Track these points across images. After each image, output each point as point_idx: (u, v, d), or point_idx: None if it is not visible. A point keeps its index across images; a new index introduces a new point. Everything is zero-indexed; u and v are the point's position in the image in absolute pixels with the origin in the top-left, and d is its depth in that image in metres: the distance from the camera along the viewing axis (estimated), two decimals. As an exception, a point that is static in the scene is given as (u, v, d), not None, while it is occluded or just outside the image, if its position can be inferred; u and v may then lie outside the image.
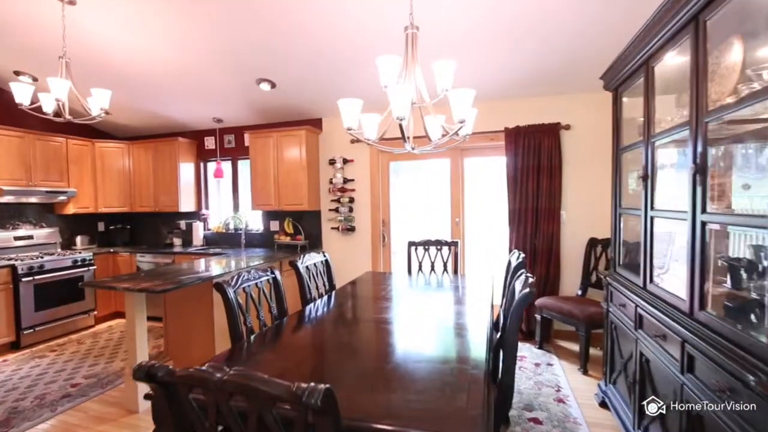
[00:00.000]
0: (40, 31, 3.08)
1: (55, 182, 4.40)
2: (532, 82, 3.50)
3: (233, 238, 4.91)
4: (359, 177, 4.33)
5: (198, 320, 3.22)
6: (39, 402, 2.79)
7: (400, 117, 1.75)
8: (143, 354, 2.74)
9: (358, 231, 4.37)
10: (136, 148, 4.98)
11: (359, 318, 2.23)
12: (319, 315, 2.29)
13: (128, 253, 4.74)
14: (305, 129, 4.18)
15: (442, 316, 2.20)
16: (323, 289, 2.88)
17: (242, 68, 3.52)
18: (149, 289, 2.53)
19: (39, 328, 3.96)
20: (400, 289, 2.92)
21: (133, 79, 3.79)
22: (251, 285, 2.16)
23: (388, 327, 2.03)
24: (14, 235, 4.23)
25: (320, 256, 2.98)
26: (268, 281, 2.31)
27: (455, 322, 2.08)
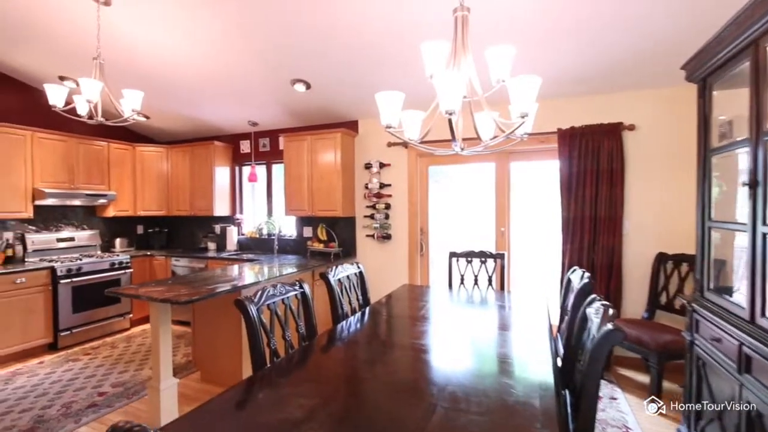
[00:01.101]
0: (79, 34, 3.07)
1: (96, 185, 4.47)
2: (590, 77, 3.11)
3: (266, 243, 4.80)
4: (396, 182, 4.08)
5: (226, 330, 3.07)
6: (65, 411, 2.72)
7: (449, 111, 1.47)
8: (167, 365, 2.61)
9: (394, 239, 4.10)
10: (175, 152, 5.00)
11: (395, 343, 1.95)
12: (351, 338, 2.04)
13: (164, 257, 4.73)
14: (340, 131, 3.98)
15: (491, 345, 1.88)
16: (356, 304, 2.63)
17: (277, 69, 3.38)
18: (172, 300, 2.39)
19: (76, 330, 3.98)
20: (440, 307, 2.62)
21: (170, 82, 3.76)
22: (277, 301, 1.95)
23: (430, 358, 1.74)
24: (57, 237, 4.31)
25: (354, 267, 2.74)
26: (296, 296, 2.09)
27: (511, 355, 1.75)
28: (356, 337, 2.04)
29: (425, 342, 1.93)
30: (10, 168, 3.76)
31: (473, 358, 1.71)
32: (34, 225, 4.20)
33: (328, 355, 1.84)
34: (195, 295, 2.51)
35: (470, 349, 1.84)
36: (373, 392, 1.42)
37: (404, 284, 3.30)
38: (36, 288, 3.72)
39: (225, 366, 3.08)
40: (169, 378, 2.61)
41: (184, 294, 2.50)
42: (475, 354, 1.76)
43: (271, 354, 1.81)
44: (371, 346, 1.89)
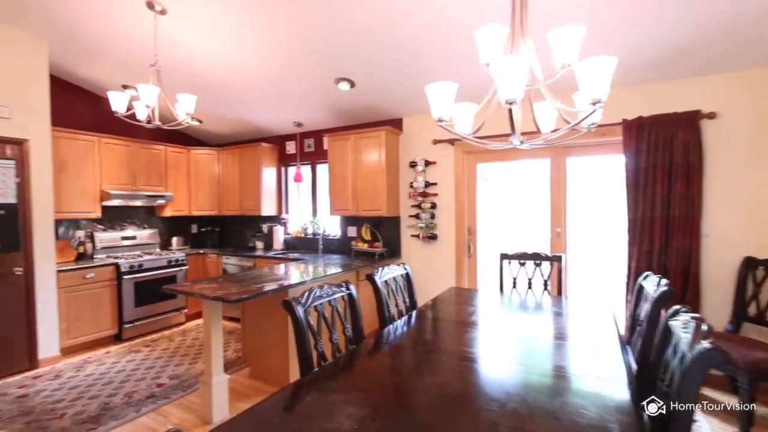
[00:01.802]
0: (138, 44, 3.23)
1: (155, 187, 4.73)
2: (661, 60, 2.80)
3: (311, 243, 4.84)
4: (443, 181, 3.94)
5: (274, 329, 3.10)
6: (127, 400, 2.87)
7: (509, 100, 1.34)
8: (219, 362, 2.66)
9: (440, 239, 3.97)
10: (225, 154, 5.18)
11: (446, 351, 1.83)
12: (398, 343, 1.95)
13: (216, 255, 4.92)
14: (385, 129, 3.91)
15: (552, 356, 1.71)
16: (403, 307, 2.54)
17: (321, 68, 3.37)
18: (223, 298, 2.43)
19: (138, 322, 4.23)
20: (492, 312, 2.46)
21: (221, 87, 3.88)
22: (323, 303, 1.90)
23: (484, 369, 1.61)
24: (121, 235, 4.61)
25: (400, 268, 2.65)
26: (342, 298, 2.04)
27: (576, 369, 1.58)
28: (404, 343, 1.95)
29: (478, 350, 1.80)
30: (82, 172, 4.06)
31: (533, 370, 1.56)
32: (102, 224, 4.51)
33: (377, 361, 1.76)
34: (244, 293, 2.54)
35: (528, 360, 1.69)
36: (426, 405, 1.32)
37: (452, 287, 3.17)
38: (103, 283, 3.99)
39: (273, 364, 3.11)
40: (220, 374, 2.66)
41: (234, 292, 2.54)
42: (534, 366, 1.60)
43: (318, 357, 1.76)
44: (421, 354, 1.79)
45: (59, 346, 3.64)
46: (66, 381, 3.20)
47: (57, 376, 3.29)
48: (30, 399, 2.91)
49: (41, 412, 2.72)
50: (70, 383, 3.16)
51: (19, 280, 3.39)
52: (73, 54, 3.64)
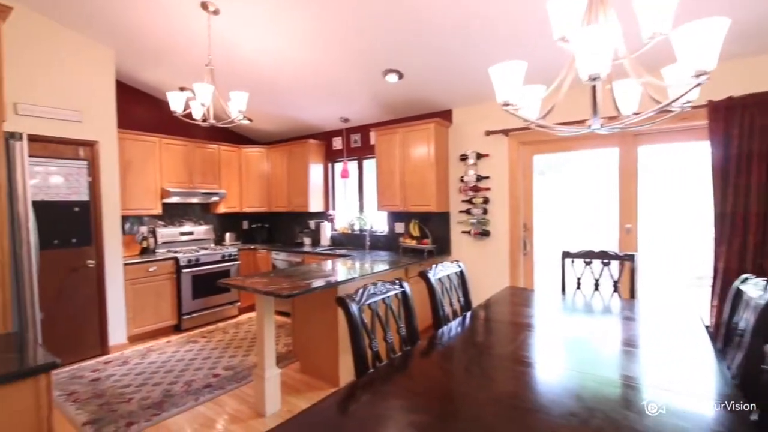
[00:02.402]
0: (193, 46, 3.34)
1: (210, 184, 4.91)
2: (760, 30, 2.43)
3: (358, 239, 4.82)
4: (496, 174, 3.74)
5: (323, 324, 3.09)
6: (187, 388, 2.98)
7: (593, 75, 1.17)
8: (271, 356, 2.68)
9: (493, 236, 3.77)
10: (274, 151, 5.28)
11: (509, 357, 1.68)
12: (456, 346, 1.83)
13: (265, 251, 5.04)
14: (434, 122, 3.78)
15: (636, 367, 1.51)
16: (457, 306, 2.41)
17: (369, 61, 3.30)
18: (275, 293, 2.43)
19: (195, 314, 4.42)
20: (556, 316, 2.27)
21: (270, 84, 3.93)
22: (377, 301, 1.82)
23: (556, 379, 1.45)
24: (180, 231, 4.84)
25: (454, 266, 2.52)
26: (396, 296, 1.95)
27: (666, 384, 1.38)
28: (462, 346, 1.83)
29: (546, 358, 1.64)
30: (145, 171, 4.29)
31: (616, 382, 1.38)
32: (162, 220, 4.76)
33: (435, 364, 1.65)
34: (295, 289, 2.53)
35: (607, 370, 1.50)
36: (496, 416, 1.19)
37: (508, 286, 2.98)
38: (164, 276, 4.21)
39: (322, 359, 3.10)
40: (273, 368, 2.68)
41: (286, 288, 2.54)
42: (617, 378, 1.42)
43: (372, 357, 1.69)
44: (481, 359, 1.66)
45: (126, 334, 3.87)
46: (132, 367, 3.39)
47: (125, 362, 3.50)
48: (102, 383, 3.11)
49: (111, 395, 2.89)
50: (136, 369, 3.34)
51: (92, 272, 3.63)
52: (135, 59, 3.84)
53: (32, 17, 3.18)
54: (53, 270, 3.38)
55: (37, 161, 3.30)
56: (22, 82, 3.16)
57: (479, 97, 3.67)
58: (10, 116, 3.12)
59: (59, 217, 3.42)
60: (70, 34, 3.40)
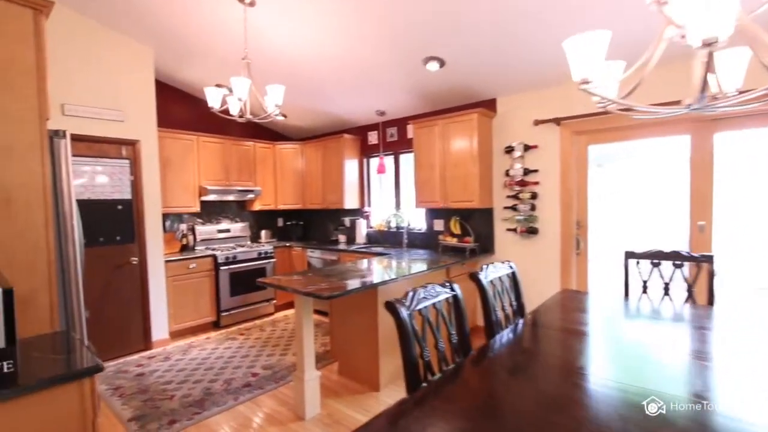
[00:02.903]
0: (229, 41, 3.28)
1: (245, 182, 4.92)
2: None
3: (394, 236, 4.67)
4: (545, 167, 3.47)
5: (362, 326, 2.97)
6: (226, 387, 2.95)
7: (708, 39, 0.94)
8: (310, 358, 2.59)
9: (542, 234, 3.51)
10: (308, 147, 5.22)
11: (583, 374, 1.48)
12: (517, 359, 1.64)
13: (300, 248, 4.99)
14: (477, 112, 3.55)
15: (741, 392, 1.27)
16: (510, 311, 2.21)
17: (408, 49, 3.12)
18: (315, 294, 2.32)
19: (233, 311, 4.43)
20: (625, 324, 2.03)
21: (305, 78, 3.84)
22: (428, 306, 1.66)
23: (645, 402, 1.23)
24: (217, 228, 4.88)
25: (506, 267, 2.31)
26: (447, 300, 1.78)
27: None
28: (524, 359, 1.63)
29: (625, 375, 1.42)
30: (184, 169, 4.33)
31: (683, 400, 1.15)
32: (200, 218, 4.81)
33: (498, 379, 1.47)
34: (336, 290, 2.41)
35: (674, 386, 1.27)
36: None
37: (564, 289, 2.74)
38: (203, 273, 4.23)
39: (362, 362, 2.98)
40: (312, 370, 2.59)
41: (325, 288, 2.43)
42: (684, 396, 1.19)
43: (424, 368, 1.53)
44: (552, 375, 1.46)
45: (168, 330, 3.92)
46: (174, 363, 3.41)
47: (167, 358, 3.53)
48: (145, 378, 3.13)
49: (155, 391, 2.90)
50: (178, 366, 3.35)
51: (135, 269, 3.69)
52: (172, 57, 3.85)
53: (73, 18, 3.23)
54: (99, 266, 3.46)
55: (84, 161, 3.37)
56: (68, 83, 3.23)
57: (528, 84, 3.41)
58: (58, 117, 3.19)
59: (104, 215, 3.49)
60: (111, 33, 3.44)
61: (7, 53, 1.52)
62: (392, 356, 2.96)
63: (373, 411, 2.63)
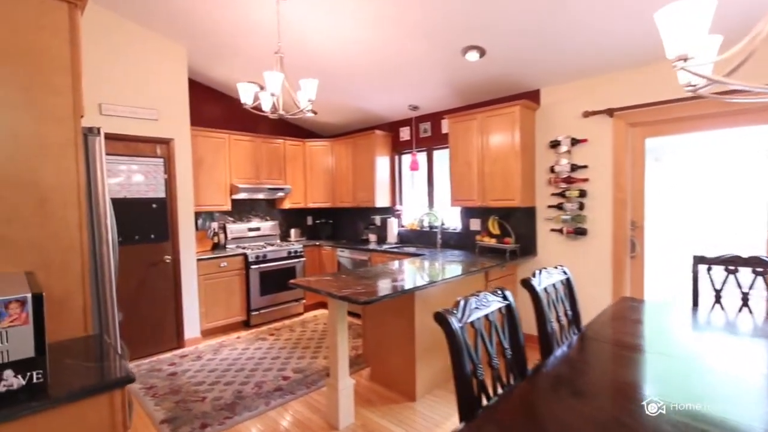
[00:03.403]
0: (261, 38, 3.20)
1: (275, 180, 4.87)
2: None
3: (427, 236, 4.49)
4: (596, 162, 3.20)
5: (397, 330, 2.82)
6: (257, 390, 2.88)
7: None
8: (344, 366, 2.46)
9: (591, 235, 3.25)
10: (338, 144, 5.12)
11: (659, 399, 1.27)
12: (574, 381, 1.44)
13: (330, 247, 4.90)
14: (519, 104, 3.32)
15: None
16: (564, 321, 2.00)
17: (447, 38, 2.94)
18: (351, 298, 2.19)
19: (263, 311, 4.39)
20: (703, 339, 1.78)
21: (336, 73, 3.72)
22: (481, 317, 1.49)
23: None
24: (248, 227, 4.85)
25: (559, 273, 2.10)
26: (500, 310, 1.60)
27: None
28: (589, 382, 1.43)
29: (717, 403, 1.20)
30: (215, 167, 4.32)
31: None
32: (231, 216, 4.80)
33: (564, 405, 1.28)
34: (372, 293, 2.27)
35: (749, 415, 1.04)
36: None
37: (623, 298, 2.49)
38: (234, 271, 4.21)
39: (397, 369, 2.84)
40: (346, 378, 2.46)
41: (361, 292, 2.29)
42: (762, 428, 0.96)
43: (478, 388, 1.37)
44: (624, 402, 1.26)
45: (200, 329, 3.91)
46: (206, 363, 3.38)
47: (199, 357, 3.51)
48: (178, 378, 3.11)
49: (186, 392, 2.87)
50: (209, 366, 3.32)
51: (168, 267, 3.69)
52: (204, 55, 3.82)
53: (109, 17, 3.23)
54: (134, 264, 3.47)
55: (121, 159, 3.38)
56: (105, 83, 3.24)
57: (576, 73, 3.16)
58: (96, 116, 3.21)
59: (139, 213, 3.50)
60: (145, 32, 3.43)
61: (42, 48, 1.46)
62: (429, 363, 2.80)
63: (410, 424, 2.48)
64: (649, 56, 2.75)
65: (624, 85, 3.00)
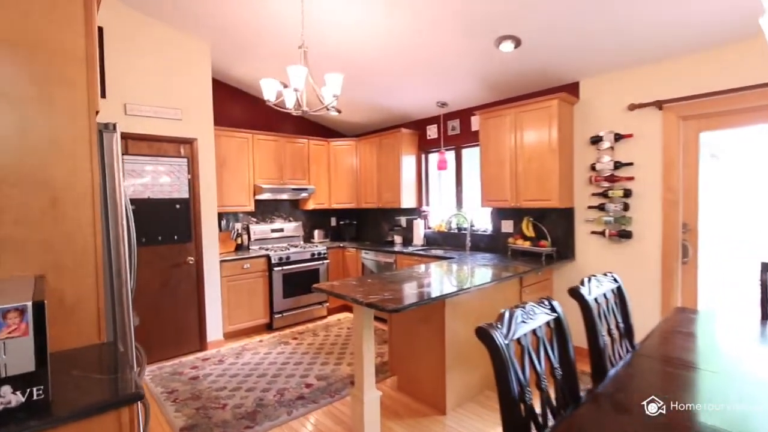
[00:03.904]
0: (284, 34, 3.11)
1: (299, 180, 4.79)
2: None
3: (456, 238, 4.30)
4: (643, 159, 2.93)
5: (426, 337, 2.66)
6: (279, 398, 2.77)
7: None
8: (370, 376, 2.31)
9: (637, 238, 2.98)
10: (363, 144, 4.99)
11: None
12: (629, 407, 1.23)
13: (354, 249, 4.77)
14: (558, 98, 3.09)
15: None
16: (616, 334, 1.79)
17: (480, 29, 2.76)
18: (378, 305, 2.04)
19: (286, 313, 4.31)
20: (761, 355, 1.53)
21: (361, 69, 3.60)
22: (527, 332, 1.31)
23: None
24: (271, 228, 4.79)
25: (609, 280, 1.89)
26: (548, 324, 1.42)
27: None
28: (646, 412, 1.22)
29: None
30: (239, 167, 4.27)
31: None
32: (255, 217, 4.75)
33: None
34: (400, 300, 2.12)
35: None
36: None
37: (679, 308, 2.24)
38: (257, 273, 4.14)
39: (425, 379, 2.67)
40: (372, 389, 2.31)
41: (389, 299, 2.14)
42: None
43: (527, 413, 1.19)
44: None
45: (222, 331, 3.86)
46: (227, 367, 3.31)
47: (221, 361, 3.44)
48: (199, 382, 3.05)
49: (207, 399, 2.79)
50: (231, 370, 3.25)
51: (191, 268, 3.65)
52: (227, 54, 3.77)
53: (133, 15, 3.21)
54: (157, 265, 3.45)
55: (145, 159, 3.37)
56: (129, 82, 3.22)
57: (619, 63, 2.91)
58: (121, 116, 3.20)
59: (163, 214, 3.47)
60: (168, 30, 3.41)
61: (56, 40, 1.39)
62: (460, 374, 2.62)
63: (441, 440, 2.31)
64: (706, 41, 2.49)
65: (675, 74, 2.73)
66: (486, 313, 2.75)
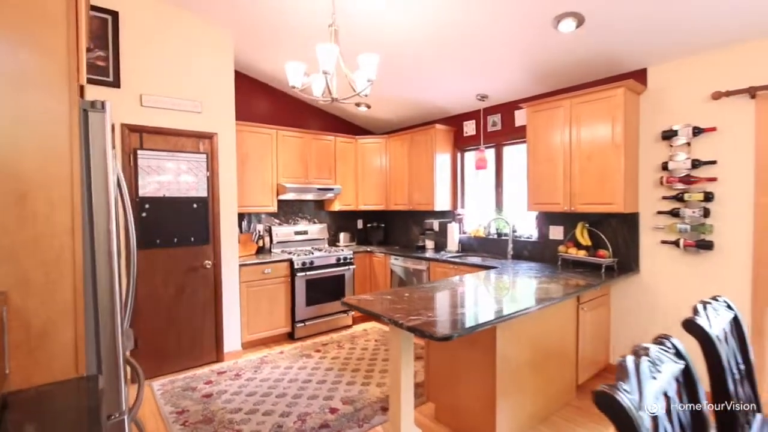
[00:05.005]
0: (311, 21, 2.80)
1: (325, 179, 4.49)
2: None
3: (495, 245, 3.89)
4: (728, 158, 2.47)
5: (472, 359, 2.28)
6: (301, 425, 2.44)
7: None
8: (409, 406, 1.95)
9: (719, 249, 2.51)
10: (393, 141, 4.65)
11: None
12: None
13: (383, 254, 4.43)
14: (623, 86, 2.66)
15: None
16: (738, 377, 1.37)
17: (535, 6, 2.37)
18: (424, 331, 1.67)
19: (308, 322, 4.00)
20: None
21: (396, 61, 3.26)
22: (659, 391, 0.92)
23: None
24: (294, 230, 4.50)
25: (723, 307, 1.47)
26: (676, 380, 1.02)
27: None
28: None
29: None
30: (261, 165, 4.00)
31: None
32: (277, 218, 4.47)
33: None
34: (449, 324, 1.74)
35: None
36: None
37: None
38: (278, 279, 3.85)
39: (469, 408, 2.28)
40: (411, 426, 1.95)
41: (433, 320, 1.77)
42: None
43: None
44: None
45: (241, 341, 3.58)
46: (244, 384, 3.01)
47: (237, 376, 3.16)
48: (212, 402, 2.76)
49: (219, 423, 2.49)
50: (248, 387, 2.95)
51: (209, 272, 3.39)
52: (251, 44, 3.50)
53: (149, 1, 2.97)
54: (172, 269, 3.20)
55: (161, 155, 3.13)
56: (145, 73, 2.99)
57: (698, 44, 2.47)
58: (136, 108, 2.97)
59: (179, 214, 3.22)
60: (187, 15, 3.16)
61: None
62: (512, 405, 2.23)
63: (494, 491, 1.92)
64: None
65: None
66: (540, 335, 2.35)
